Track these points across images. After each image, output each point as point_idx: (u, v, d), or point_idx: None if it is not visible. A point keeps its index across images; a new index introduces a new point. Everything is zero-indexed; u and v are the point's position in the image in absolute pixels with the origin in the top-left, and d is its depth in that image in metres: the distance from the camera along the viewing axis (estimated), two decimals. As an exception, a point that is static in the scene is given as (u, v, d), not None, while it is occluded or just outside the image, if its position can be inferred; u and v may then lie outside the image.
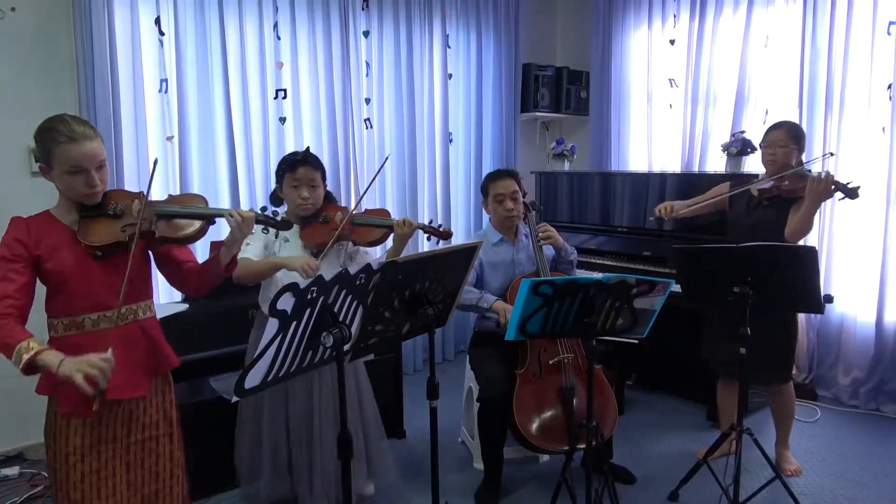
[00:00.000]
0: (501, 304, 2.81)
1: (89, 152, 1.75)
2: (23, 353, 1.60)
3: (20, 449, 3.20)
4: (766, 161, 2.96)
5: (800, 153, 2.93)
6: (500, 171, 3.06)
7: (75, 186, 1.78)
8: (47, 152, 1.76)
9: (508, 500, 2.87)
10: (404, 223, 2.45)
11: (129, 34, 3.26)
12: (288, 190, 2.49)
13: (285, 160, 2.52)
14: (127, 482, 1.91)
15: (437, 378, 2.04)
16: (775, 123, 3.00)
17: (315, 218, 2.51)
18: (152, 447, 1.96)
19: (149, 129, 3.37)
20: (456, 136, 4.70)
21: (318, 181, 2.50)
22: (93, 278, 1.80)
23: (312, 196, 2.48)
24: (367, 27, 4.13)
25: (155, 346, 1.94)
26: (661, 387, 4.05)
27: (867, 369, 3.80)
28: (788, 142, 2.88)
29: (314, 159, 2.52)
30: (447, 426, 3.36)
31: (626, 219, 4.24)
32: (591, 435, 2.29)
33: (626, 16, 4.76)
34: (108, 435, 1.88)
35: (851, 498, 2.86)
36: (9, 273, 1.71)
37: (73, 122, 1.77)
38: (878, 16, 3.63)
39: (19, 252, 1.74)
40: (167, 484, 1.99)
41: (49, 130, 1.75)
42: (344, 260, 2.56)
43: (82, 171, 1.76)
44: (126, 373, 1.81)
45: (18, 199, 3.10)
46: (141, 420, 1.93)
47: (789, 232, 2.82)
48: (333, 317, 1.69)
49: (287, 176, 2.48)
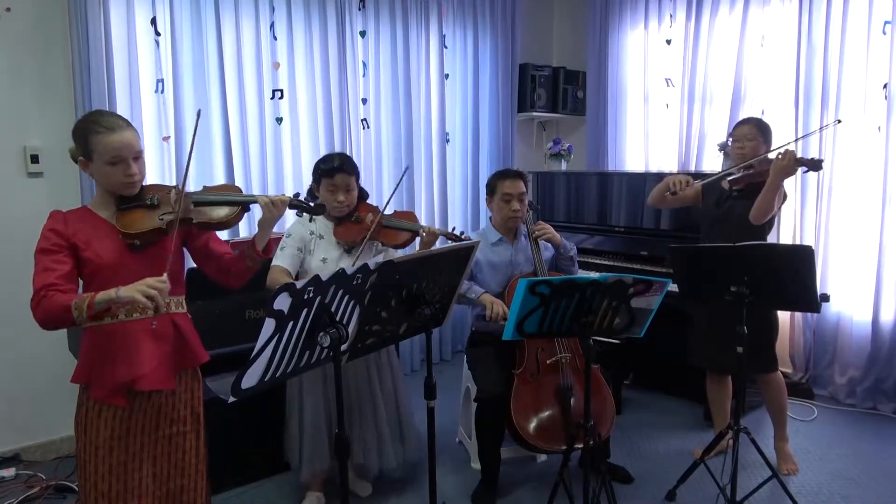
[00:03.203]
0: (489, 297, 2.83)
1: (127, 141, 1.82)
2: (82, 303, 1.69)
3: (17, 450, 3.19)
4: (735, 155, 3.05)
5: (767, 147, 3.01)
6: (509, 170, 3.05)
7: (115, 176, 1.83)
8: (87, 144, 1.81)
9: (506, 500, 2.87)
10: (428, 232, 2.61)
11: (125, 34, 3.25)
12: (325, 193, 2.63)
13: (324, 167, 2.63)
14: (153, 475, 1.94)
15: (435, 378, 2.04)
16: (743, 119, 3.13)
17: (348, 217, 2.66)
18: (179, 442, 1.99)
19: (145, 129, 3.36)
20: (453, 136, 4.69)
21: (353, 185, 2.65)
22: (128, 270, 1.83)
23: (348, 199, 2.63)
24: (364, 27, 4.12)
25: (185, 340, 1.97)
26: (658, 386, 4.05)
27: (863, 368, 3.81)
28: (756, 135, 2.97)
29: (351, 166, 2.65)
30: (444, 426, 3.37)
31: (623, 218, 4.25)
32: (589, 435, 2.29)
33: (623, 16, 4.77)
34: (137, 428, 1.91)
35: (848, 496, 2.86)
36: (50, 264, 1.77)
37: (109, 114, 1.87)
38: (873, 15, 3.64)
39: (58, 242, 1.80)
40: (192, 479, 2.02)
41: (88, 122, 1.83)
42: (371, 256, 2.69)
43: (121, 160, 1.82)
44: (155, 364, 1.86)
45: (15, 200, 3.10)
46: (169, 415, 1.97)
47: (753, 212, 2.86)
48: (330, 317, 1.69)
49: (324, 181, 2.62)
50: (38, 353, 3.16)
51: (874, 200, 3.72)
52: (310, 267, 2.61)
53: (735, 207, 2.95)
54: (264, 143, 3.75)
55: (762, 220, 2.86)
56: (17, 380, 3.16)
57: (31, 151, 3.12)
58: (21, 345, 3.12)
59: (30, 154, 3.11)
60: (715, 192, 3.06)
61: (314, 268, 2.59)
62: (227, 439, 2.83)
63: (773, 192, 2.78)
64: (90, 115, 1.87)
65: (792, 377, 4.03)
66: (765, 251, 2.43)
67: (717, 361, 3.04)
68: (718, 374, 3.15)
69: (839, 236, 3.88)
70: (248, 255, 2.02)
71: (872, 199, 3.72)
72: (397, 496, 2.90)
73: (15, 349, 3.14)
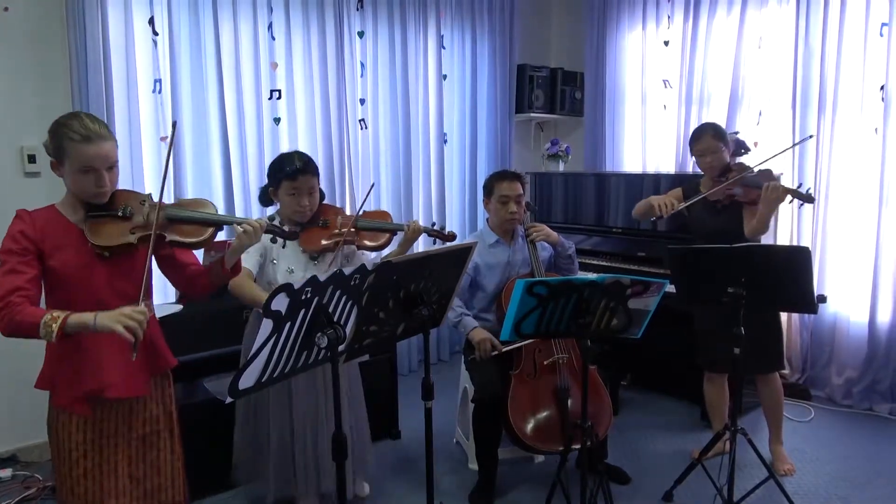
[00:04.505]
0: (478, 333, 2.79)
1: (102, 153, 1.76)
2: (51, 323, 1.62)
3: (13, 451, 3.18)
4: (704, 168, 3.06)
5: (729, 151, 3.03)
6: (506, 172, 3.04)
7: (85, 185, 1.78)
8: (60, 148, 1.75)
9: (503, 501, 2.87)
10: (411, 228, 2.47)
11: (123, 34, 3.25)
12: (285, 197, 2.45)
13: (282, 168, 2.44)
14: (129, 476, 1.93)
15: (432, 379, 2.04)
16: (696, 132, 3.08)
17: (313, 223, 2.48)
18: (153, 441, 1.98)
19: (142, 129, 3.35)
20: (451, 136, 4.69)
21: (315, 187, 2.47)
22: (96, 278, 1.81)
23: (311, 202, 2.46)
24: (362, 28, 4.12)
25: (154, 345, 1.95)
26: (655, 387, 4.06)
27: (860, 369, 3.82)
28: (719, 145, 2.98)
29: (313, 167, 2.48)
30: (442, 427, 3.37)
31: (620, 219, 4.25)
32: (586, 435, 2.30)
33: (621, 17, 4.77)
34: (110, 430, 1.90)
35: (845, 497, 2.87)
36: (18, 265, 1.72)
37: (89, 120, 1.77)
38: (870, 17, 3.65)
39: (26, 245, 1.74)
40: (169, 477, 2.02)
41: (65, 126, 1.75)
42: (340, 262, 2.55)
43: (93, 170, 1.76)
44: (126, 371, 1.83)
45: (12, 199, 3.09)
46: (141, 416, 1.95)
47: (748, 233, 2.91)
48: (328, 317, 1.69)
49: (285, 183, 2.43)
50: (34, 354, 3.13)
51: (871, 202, 3.72)
52: (275, 279, 2.44)
53: (729, 222, 2.97)
54: (262, 144, 3.75)
55: (757, 237, 2.90)
56: (14, 380, 3.15)
57: (28, 151, 3.11)
58: (17, 345, 3.09)
59: (27, 154, 3.11)
60: (698, 203, 3.05)
61: (280, 280, 2.42)
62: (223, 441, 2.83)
63: (768, 219, 2.84)
64: (68, 119, 1.77)
65: (789, 378, 4.03)
66: (762, 252, 2.43)
67: (724, 362, 3.01)
68: (718, 376, 3.14)
69: (836, 237, 3.89)
70: (214, 272, 1.98)
71: (869, 201, 3.73)
72: (395, 497, 2.90)
73: (10, 349, 3.12)
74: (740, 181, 2.91)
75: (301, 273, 2.46)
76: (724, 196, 2.94)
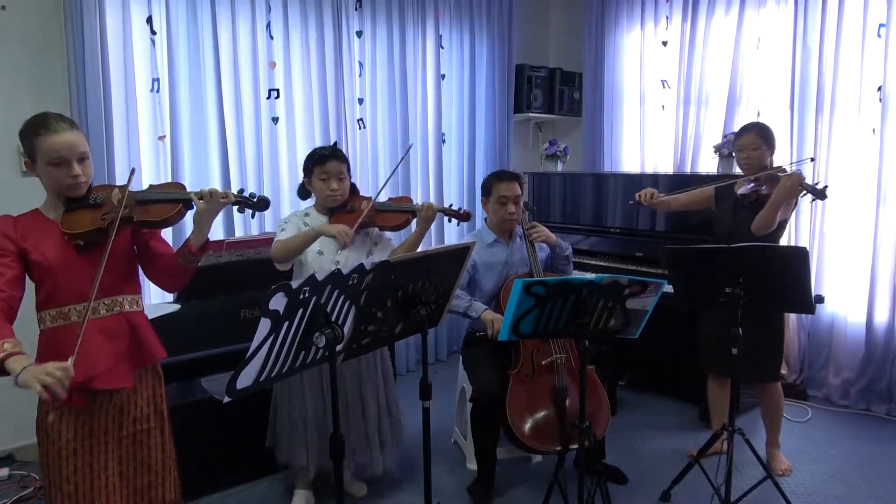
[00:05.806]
0: (490, 315, 2.80)
1: (69, 142, 1.81)
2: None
3: (10, 451, 3.18)
4: (741, 165, 3.05)
5: (771, 153, 3.00)
6: (505, 172, 3.04)
7: (58, 178, 1.83)
8: (31, 146, 1.82)
9: (501, 501, 2.87)
10: (426, 207, 2.59)
11: (121, 33, 3.25)
12: (318, 182, 2.63)
13: (315, 154, 2.66)
14: (119, 474, 1.94)
15: (430, 378, 2.04)
16: (744, 127, 3.07)
17: (342, 208, 2.67)
18: (144, 440, 1.99)
19: (140, 128, 3.35)
20: (449, 136, 4.69)
21: (345, 174, 2.65)
22: (77, 269, 1.85)
23: (341, 187, 2.63)
24: (361, 27, 4.12)
25: (140, 338, 1.96)
26: (653, 387, 4.06)
27: (858, 369, 3.82)
28: (760, 144, 2.95)
29: (342, 153, 2.67)
30: (440, 427, 3.37)
31: (618, 220, 4.25)
32: (584, 435, 2.30)
33: (619, 17, 4.77)
34: (100, 429, 1.91)
35: (842, 497, 2.87)
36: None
37: (53, 116, 1.84)
38: (868, 18, 3.65)
39: (7, 247, 1.80)
40: (160, 475, 2.02)
41: (30, 125, 1.83)
42: (370, 245, 2.72)
43: (64, 161, 1.81)
44: (110, 363, 1.86)
45: (9, 199, 3.07)
46: (132, 414, 1.96)
47: (754, 225, 2.87)
48: (326, 317, 1.69)
49: (316, 169, 2.62)
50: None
51: (869, 202, 3.73)
52: (306, 259, 2.61)
53: (747, 220, 2.92)
54: (260, 143, 3.75)
55: (762, 234, 2.86)
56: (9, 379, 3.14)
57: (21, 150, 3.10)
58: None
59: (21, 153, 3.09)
60: (729, 199, 3.05)
61: (310, 260, 2.60)
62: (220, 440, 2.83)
63: (775, 210, 2.79)
64: (34, 118, 1.84)
65: (787, 379, 4.04)
66: (759, 252, 2.43)
67: (721, 364, 3.00)
68: (721, 377, 3.12)
69: (834, 238, 3.89)
70: (182, 254, 1.99)
71: (867, 201, 3.74)
72: (393, 497, 2.90)
73: (8, 349, 3.12)
74: (767, 177, 2.87)
75: (331, 255, 2.61)
76: (749, 191, 2.91)
